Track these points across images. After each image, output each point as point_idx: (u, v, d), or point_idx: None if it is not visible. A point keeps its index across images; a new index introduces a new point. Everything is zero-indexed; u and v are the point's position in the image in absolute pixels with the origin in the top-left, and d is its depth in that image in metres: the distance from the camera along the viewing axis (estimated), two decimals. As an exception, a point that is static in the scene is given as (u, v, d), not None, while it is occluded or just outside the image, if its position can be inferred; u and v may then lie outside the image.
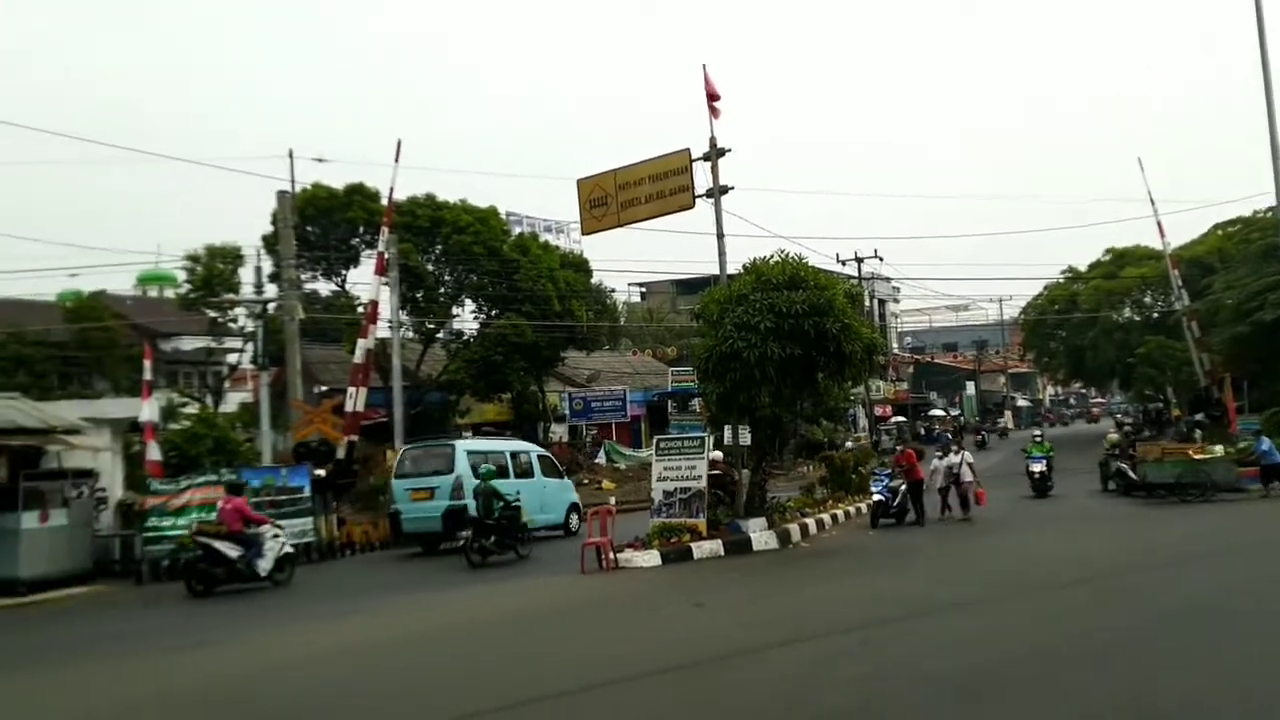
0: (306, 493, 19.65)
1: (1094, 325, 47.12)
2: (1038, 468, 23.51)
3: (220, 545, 14.90)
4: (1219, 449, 22.03)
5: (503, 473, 19.70)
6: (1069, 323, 49.56)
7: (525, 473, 20.82)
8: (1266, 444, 20.80)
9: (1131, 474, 22.26)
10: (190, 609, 14.08)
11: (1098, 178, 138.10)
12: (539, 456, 22.00)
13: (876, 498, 19.63)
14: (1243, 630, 8.50)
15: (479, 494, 16.92)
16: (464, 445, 20.61)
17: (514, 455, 21.16)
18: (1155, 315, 45.55)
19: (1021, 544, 16.28)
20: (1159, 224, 32.36)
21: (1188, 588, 10.97)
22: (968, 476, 20.02)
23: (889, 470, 20.36)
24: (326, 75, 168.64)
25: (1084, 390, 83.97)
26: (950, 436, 30.21)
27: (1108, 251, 50.34)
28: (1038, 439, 25.17)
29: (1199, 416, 31.54)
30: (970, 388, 74.13)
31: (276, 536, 15.49)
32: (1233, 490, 20.63)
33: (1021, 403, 77.43)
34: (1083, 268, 51.55)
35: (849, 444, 40.25)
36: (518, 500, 17.46)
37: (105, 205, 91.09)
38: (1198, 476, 20.56)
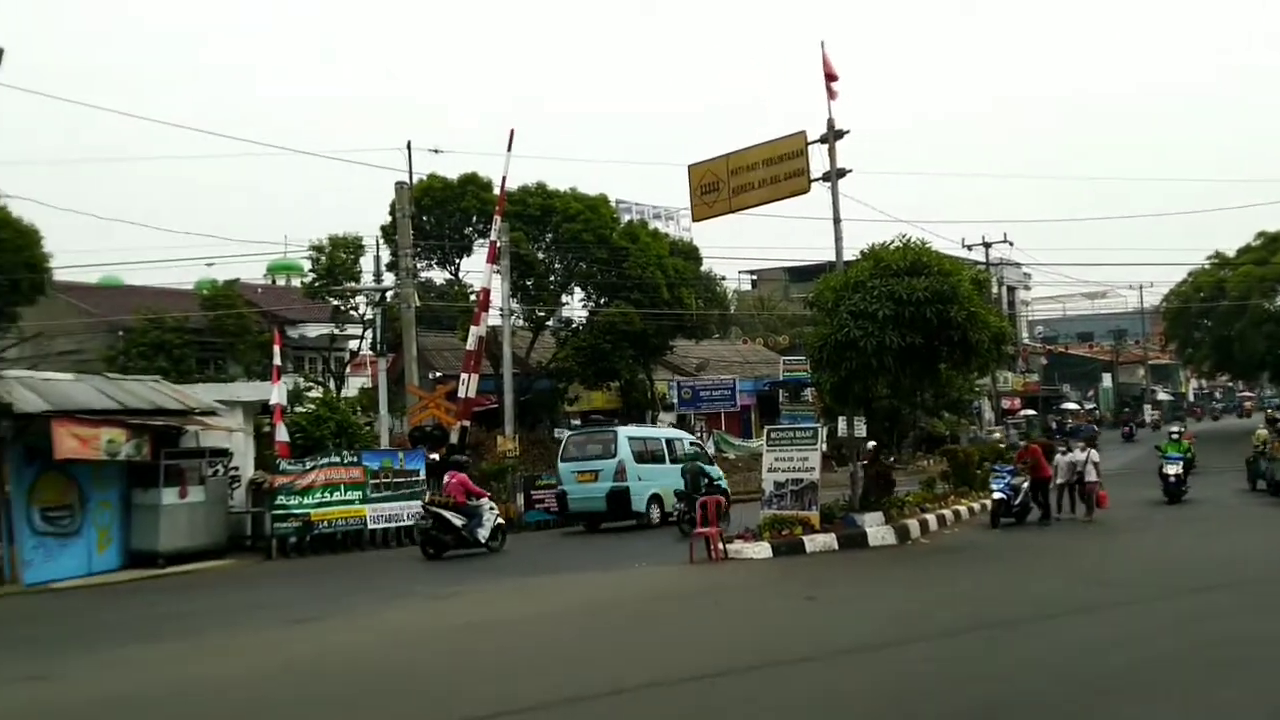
0: (421, 476, 20.08)
1: (1243, 314, 44.29)
2: (1172, 470, 21.08)
3: (448, 514, 16.55)
4: None
5: (658, 458, 21.60)
6: (1215, 311, 46.68)
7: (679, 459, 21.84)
8: None
9: None
10: (315, 582, 14.48)
11: (1248, 157, 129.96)
12: (691, 443, 23.27)
13: (997, 496, 18.48)
14: None
15: (687, 473, 18.49)
16: (625, 431, 22.30)
17: (669, 442, 22.72)
18: (1313, 304, 42.53)
19: (1157, 545, 15.39)
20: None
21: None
22: (1092, 475, 18.84)
23: (1010, 466, 19.30)
24: (444, 66, 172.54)
25: (1231, 383, 79.14)
26: (1096, 429, 28.75)
27: (1259, 236, 47.19)
28: (1175, 436, 22.86)
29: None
30: (1107, 380, 70.67)
31: (492, 509, 17.33)
32: None
33: (1162, 396, 73.31)
34: (1231, 253, 48.47)
35: (995, 435, 38.88)
36: (721, 480, 19.47)
37: (239, 198, 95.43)
38: None
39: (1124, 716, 6.20)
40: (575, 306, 34.91)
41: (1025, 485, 18.61)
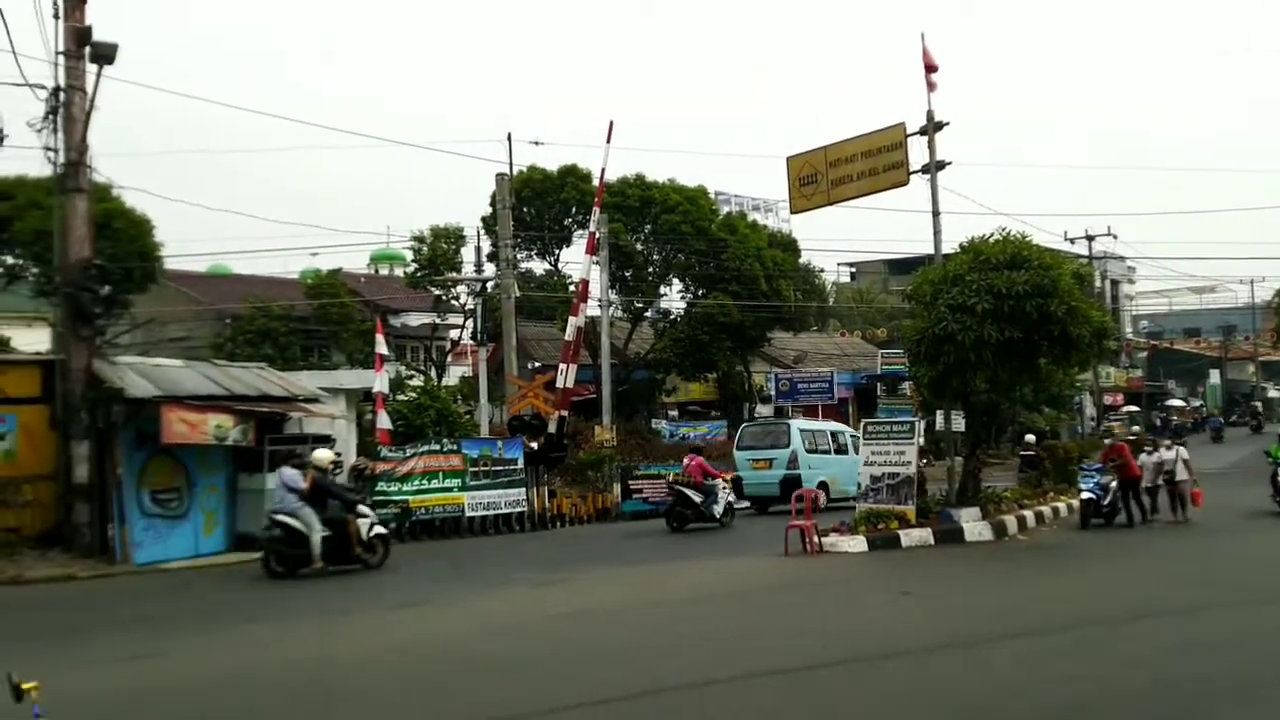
0: (520, 464, 20.47)
1: (1364, 309, 42.00)
2: None
3: (689, 492, 18.65)
4: None
5: (824, 450, 23.60)
6: (1333, 306, 44.41)
7: (843, 450, 23.80)
8: None
9: None
10: (413, 568, 14.95)
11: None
12: (851, 436, 24.31)
13: (1085, 495, 17.73)
14: None
15: None
16: (797, 424, 24.44)
17: (833, 435, 24.69)
18: None
19: (1258, 548, 14.82)
20: None
21: None
22: (1183, 474, 17.99)
23: (1099, 465, 18.51)
24: (542, 59, 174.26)
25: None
26: (1222, 422, 27.09)
27: (1383, 227, 44.70)
28: None
29: None
30: (1214, 376, 67.86)
31: (725, 489, 19.42)
32: None
33: (1273, 394, 70.08)
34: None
35: (1135, 428, 37.55)
36: None
37: (344, 189, 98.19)
38: None
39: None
40: (673, 298, 35.18)
41: (1114, 485, 17.86)
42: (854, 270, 60.66)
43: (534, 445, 21.16)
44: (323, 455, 14.57)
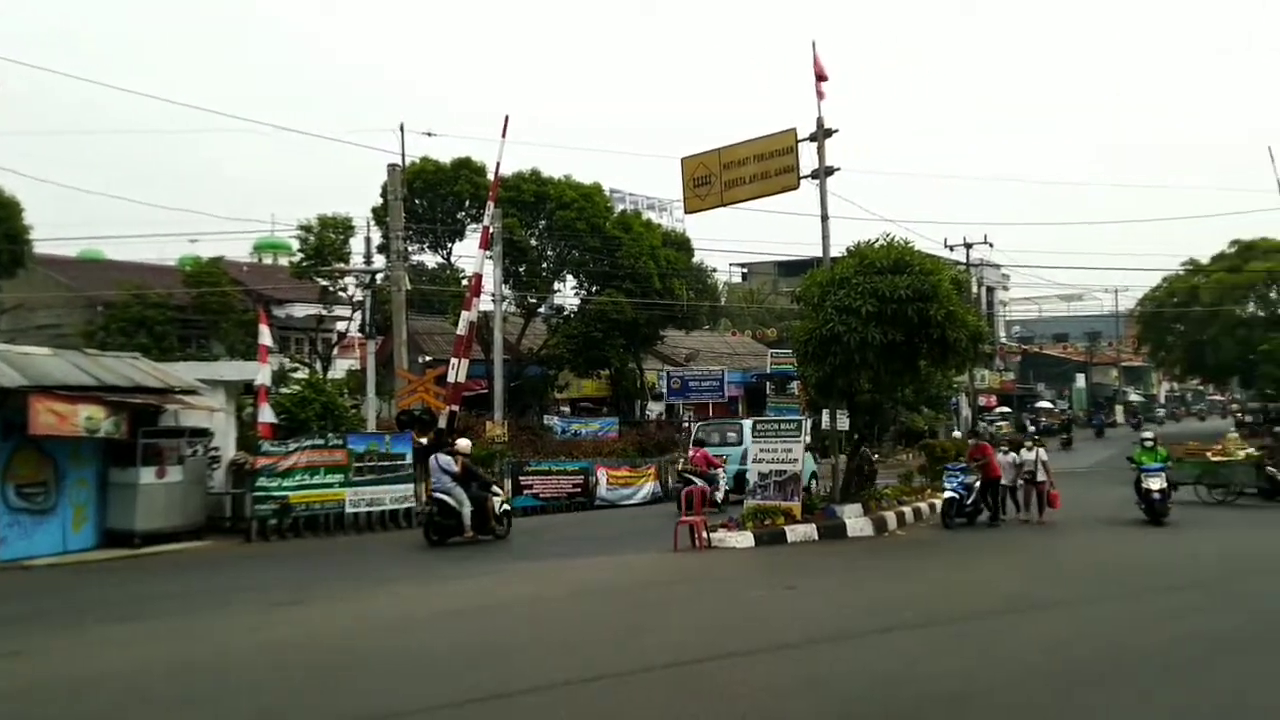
0: (408, 460, 20.12)
1: (1215, 320, 45.03)
2: (1155, 484, 17.38)
3: (695, 479, 19.39)
4: (1242, 452, 21.10)
5: None
6: (1188, 317, 47.40)
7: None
8: None
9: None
10: (294, 565, 14.61)
11: (1225, 168, 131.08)
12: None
13: (949, 494, 17.91)
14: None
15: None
16: (748, 423, 23.66)
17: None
18: (1283, 311, 43.24)
19: (1120, 547, 15.62)
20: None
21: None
22: (1042, 475, 18.35)
23: (963, 464, 18.70)
24: (437, 51, 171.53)
25: (1201, 386, 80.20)
26: (1104, 420, 28.18)
27: (1232, 244, 47.87)
28: (1148, 443, 18.36)
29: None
30: (1080, 380, 71.55)
31: (724, 477, 21.44)
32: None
33: (1134, 397, 74.38)
34: (1204, 260, 49.19)
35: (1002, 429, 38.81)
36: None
37: (225, 174, 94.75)
38: (1217, 478, 20.31)
39: (1088, 708, 6.49)
40: (567, 294, 35.11)
41: (977, 484, 18.03)
42: (745, 271, 61.76)
43: (424, 440, 20.85)
44: (465, 444, 17.53)
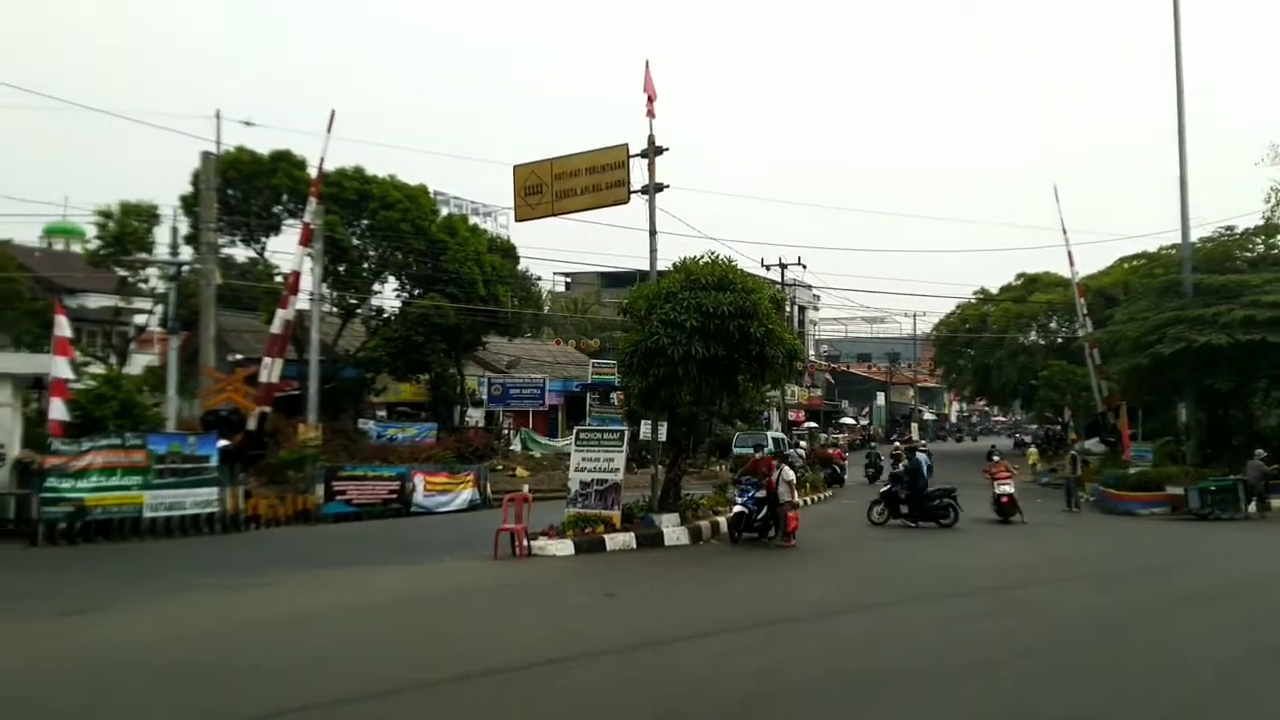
0: (213, 462, 19.24)
1: (1001, 346, 48.84)
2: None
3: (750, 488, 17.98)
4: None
5: None
6: (978, 342, 51.25)
7: None
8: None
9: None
10: (87, 571, 13.71)
11: (1017, 203, 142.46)
12: None
13: (738, 509, 17.49)
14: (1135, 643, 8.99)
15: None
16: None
17: None
18: (1059, 340, 47.37)
19: (908, 554, 16.55)
20: (1069, 253, 33.69)
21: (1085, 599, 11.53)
22: (785, 495, 16.89)
23: (754, 479, 18.10)
24: (258, 38, 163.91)
25: (988, 407, 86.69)
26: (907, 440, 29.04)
27: (1019, 276, 52.16)
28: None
29: (1095, 441, 32.93)
30: (881, 398, 75.89)
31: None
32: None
33: (928, 416, 79.62)
34: (994, 290, 53.36)
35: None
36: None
37: (14, 152, 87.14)
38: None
39: (886, 706, 6.98)
40: (388, 296, 34.23)
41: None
42: (569, 280, 62.11)
43: (225, 442, 19.91)
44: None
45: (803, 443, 41.33)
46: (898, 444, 25.95)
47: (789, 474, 17.22)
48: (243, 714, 6.47)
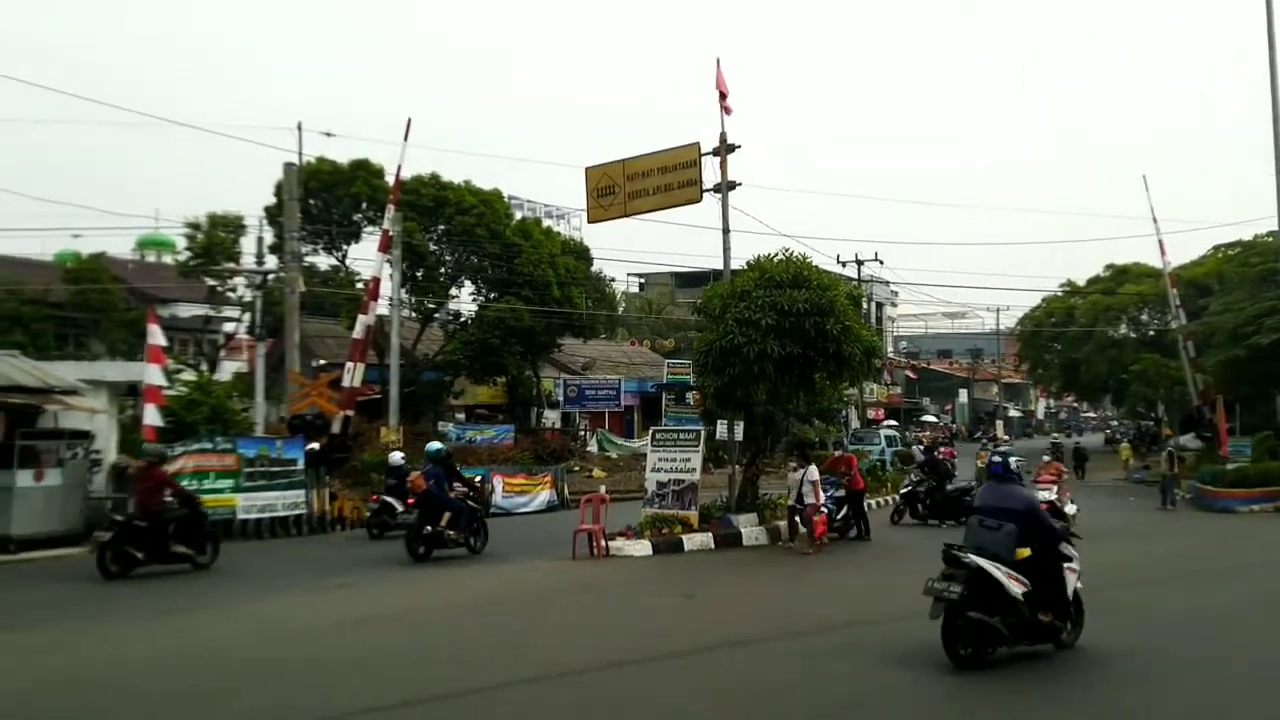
0: (300, 465, 19.67)
1: (1089, 340, 47.39)
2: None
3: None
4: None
5: None
6: (1065, 336, 49.81)
7: None
8: None
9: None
10: (181, 573, 14.09)
11: (1103, 193, 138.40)
12: None
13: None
14: None
15: None
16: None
17: None
18: (1151, 333, 45.74)
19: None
20: (1160, 242, 32.42)
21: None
22: (809, 498, 15.89)
23: (834, 477, 17.63)
24: (337, 50, 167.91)
25: (1076, 403, 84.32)
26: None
27: (1107, 267, 50.62)
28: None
29: (1190, 436, 31.71)
30: (963, 395, 74.34)
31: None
32: None
33: (1013, 413, 77.72)
34: (1081, 282, 51.85)
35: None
36: None
37: (109, 168, 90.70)
38: None
39: (974, 708, 6.79)
40: (465, 300, 34.74)
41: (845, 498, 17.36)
42: (643, 281, 62.21)
43: (316, 446, 20.38)
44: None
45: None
46: (983, 442, 25.54)
47: (813, 473, 16.08)
48: (314, 715, 6.56)
